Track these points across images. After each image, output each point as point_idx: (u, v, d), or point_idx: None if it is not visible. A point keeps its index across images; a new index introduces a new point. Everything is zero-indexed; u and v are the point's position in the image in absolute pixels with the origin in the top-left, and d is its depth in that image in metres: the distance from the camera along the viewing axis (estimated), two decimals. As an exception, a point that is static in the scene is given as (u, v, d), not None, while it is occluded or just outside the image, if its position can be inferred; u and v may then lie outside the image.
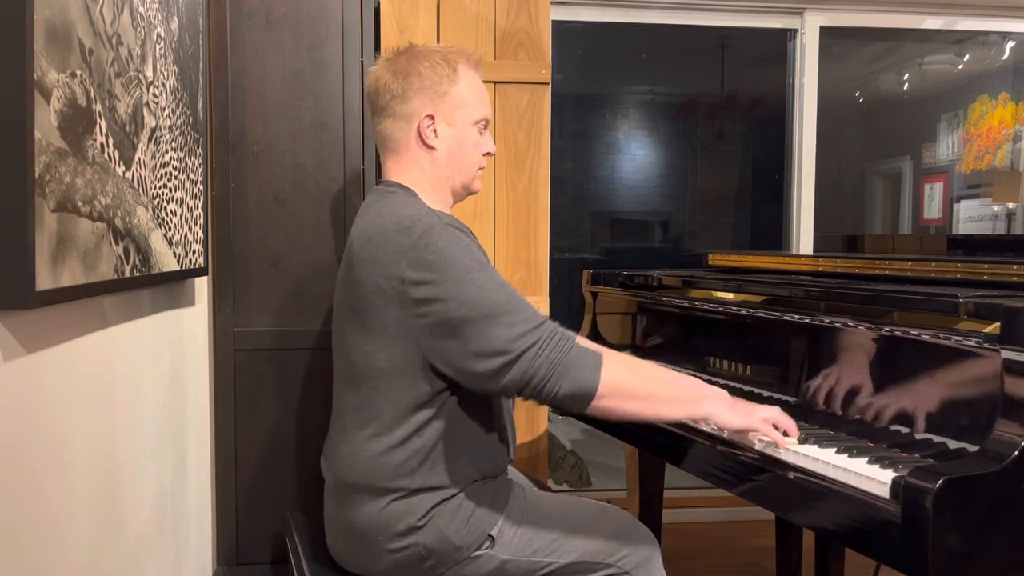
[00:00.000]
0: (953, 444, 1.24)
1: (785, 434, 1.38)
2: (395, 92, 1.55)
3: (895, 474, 1.16)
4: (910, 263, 1.73)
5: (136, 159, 1.57)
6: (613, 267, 2.35)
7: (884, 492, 1.15)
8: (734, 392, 1.74)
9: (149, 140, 1.66)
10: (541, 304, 2.48)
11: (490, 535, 1.47)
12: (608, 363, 1.36)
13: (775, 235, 3.46)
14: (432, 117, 1.55)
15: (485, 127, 1.61)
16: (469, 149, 1.59)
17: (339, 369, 1.56)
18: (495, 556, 1.47)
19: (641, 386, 1.38)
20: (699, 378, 1.61)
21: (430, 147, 1.56)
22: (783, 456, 1.36)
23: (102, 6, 1.37)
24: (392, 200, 1.51)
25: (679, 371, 1.92)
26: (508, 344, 1.33)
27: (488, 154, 1.63)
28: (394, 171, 1.60)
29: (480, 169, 1.63)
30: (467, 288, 1.36)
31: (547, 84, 2.48)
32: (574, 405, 1.36)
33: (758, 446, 1.39)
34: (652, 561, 1.53)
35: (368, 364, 1.45)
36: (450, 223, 1.43)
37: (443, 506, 1.45)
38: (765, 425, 1.38)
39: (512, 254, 2.47)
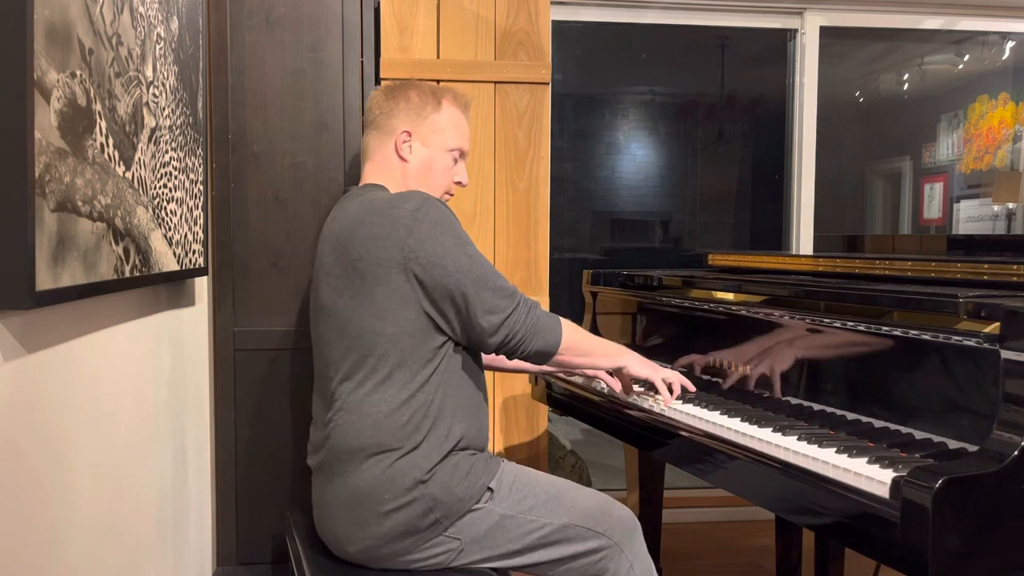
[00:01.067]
0: (953, 444, 1.24)
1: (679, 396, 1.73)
2: (383, 109, 1.75)
3: (895, 474, 1.16)
4: (910, 263, 1.74)
5: (136, 159, 1.58)
6: (613, 267, 2.35)
7: (884, 492, 1.15)
8: (734, 392, 1.75)
9: (149, 140, 1.66)
10: (541, 304, 2.48)
11: (489, 487, 1.58)
12: (564, 327, 1.64)
13: (775, 235, 3.46)
14: (409, 133, 1.74)
15: (460, 157, 1.79)
16: (439, 171, 1.76)
17: (333, 355, 1.60)
18: (494, 510, 1.57)
19: (585, 345, 1.68)
20: (699, 379, 1.83)
21: (403, 159, 1.74)
22: (782, 456, 1.36)
23: (102, 6, 1.37)
24: (371, 194, 1.65)
25: (678, 371, 1.92)
26: (498, 308, 1.55)
27: (459, 183, 1.80)
28: (370, 176, 1.76)
29: (448, 194, 1.80)
30: (461, 257, 1.54)
31: (547, 84, 2.48)
32: (538, 359, 1.63)
33: (647, 404, 1.75)
34: (636, 536, 1.64)
35: (376, 333, 1.55)
36: (439, 200, 1.59)
37: (445, 462, 1.55)
38: (662, 383, 1.71)
39: (512, 254, 2.47)
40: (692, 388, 1.75)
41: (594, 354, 1.69)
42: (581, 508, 1.61)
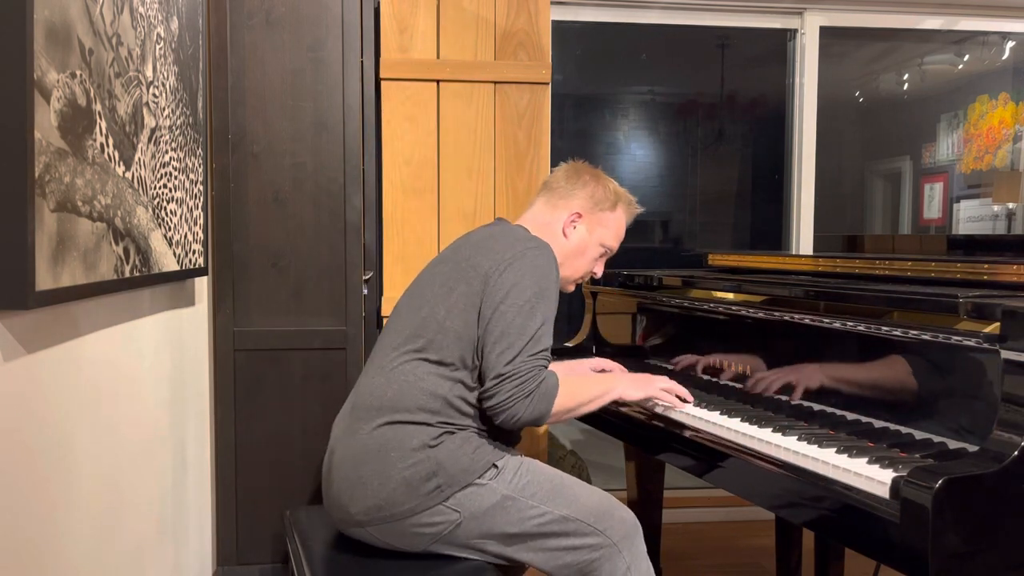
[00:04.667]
0: (953, 444, 1.24)
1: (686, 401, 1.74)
2: (566, 184, 1.86)
3: (895, 474, 1.16)
4: (910, 263, 1.73)
5: (136, 159, 1.58)
6: (613, 267, 2.35)
7: (884, 492, 1.15)
8: (734, 392, 1.75)
9: (149, 140, 1.66)
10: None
11: (495, 464, 1.60)
12: (558, 396, 1.60)
13: (775, 235, 3.46)
14: (580, 215, 1.84)
15: (604, 255, 1.90)
16: (588, 258, 1.87)
17: (400, 325, 1.69)
18: (497, 489, 1.59)
19: (574, 402, 1.65)
20: (699, 379, 1.80)
21: (565, 235, 1.84)
22: (782, 456, 1.36)
23: (102, 6, 1.37)
24: (519, 230, 1.78)
25: (678, 370, 1.92)
26: (507, 365, 1.56)
27: (594, 274, 1.91)
28: (533, 227, 1.83)
29: (579, 279, 1.90)
30: (525, 299, 1.59)
31: (547, 84, 2.48)
32: (525, 425, 1.61)
33: (659, 409, 1.75)
34: (636, 538, 1.64)
35: (440, 322, 1.63)
36: (557, 258, 1.69)
37: (454, 436, 1.59)
38: (663, 393, 1.73)
39: (512, 254, 2.47)
40: (690, 399, 1.75)
41: (583, 405, 1.68)
42: (584, 504, 1.62)
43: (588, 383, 1.73)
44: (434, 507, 1.56)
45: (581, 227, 1.84)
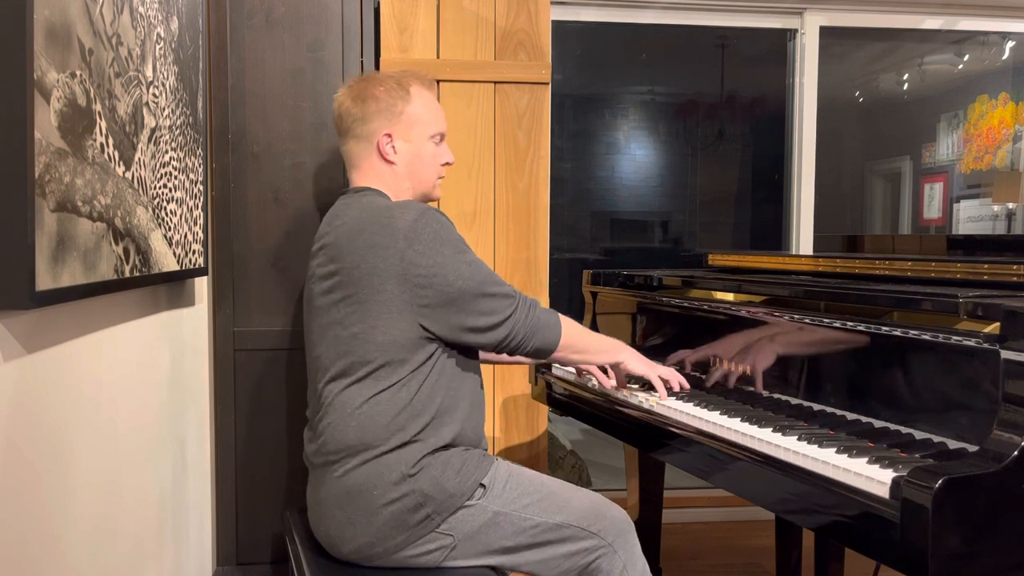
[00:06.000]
0: (953, 444, 1.24)
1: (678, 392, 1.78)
2: (355, 115, 1.72)
3: (895, 474, 1.16)
4: (910, 263, 1.73)
5: (136, 159, 1.58)
6: (613, 267, 2.35)
7: (884, 492, 1.15)
8: (734, 392, 1.75)
9: (149, 140, 1.66)
10: (541, 304, 2.48)
11: (482, 484, 1.58)
12: (564, 324, 1.67)
13: (775, 235, 3.46)
14: (390, 135, 1.72)
15: (441, 140, 1.78)
16: (427, 161, 1.75)
17: (322, 357, 1.62)
18: (487, 507, 1.57)
19: (583, 343, 1.71)
20: (699, 378, 1.84)
21: (390, 161, 1.73)
22: (782, 456, 1.36)
23: (102, 6, 1.37)
24: (368, 200, 1.66)
25: (677, 370, 1.92)
26: (498, 310, 1.58)
27: (447, 164, 1.80)
28: (359, 183, 1.75)
29: (439, 178, 1.80)
30: (461, 265, 1.56)
31: (547, 84, 2.48)
32: (537, 356, 1.67)
33: (638, 399, 1.78)
34: (630, 535, 1.64)
35: (365, 340, 1.56)
36: (436, 210, 1.61)
37: (432, 457, 1.55)
38: (658, 380, 1.75)
39: (512, 254, 2.47)
40: (687, 386, 1.78)
41: (592, 350, 1.73)
42: (575, 508, 1.61)
43: (598, 337, 1.76)
44: (427, 535, 1.54)
45: (399, 142, 1.71)
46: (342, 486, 1.55)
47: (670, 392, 1.79)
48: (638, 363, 1.76)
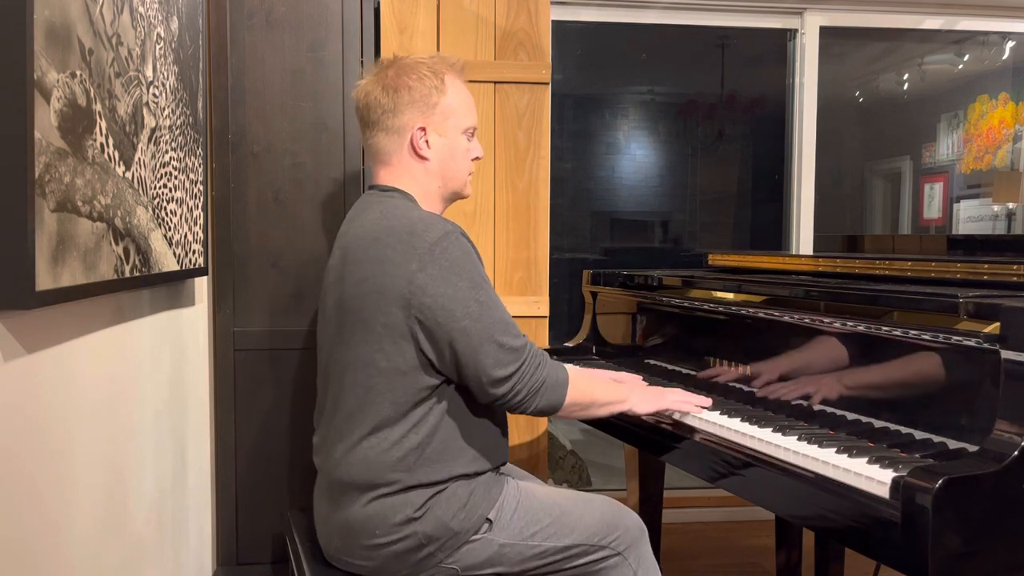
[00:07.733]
0: (953, 444, 1.24)
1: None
2: (386, 106, 1.59)
3: (895, 474, 1.16)
4: (910, 263, 1.73)
5: (136, 159, 1.57)
6: (613, 267, 2.35)
7: (884, 492, 1.15)
8: (734, 392, 1.75)
9: (149, 140, 1.66)
10: (541, 304, 2.48)
11: (488, 519, 1.51)
12: (571, 383, 1.53)
13: (775, 235, 3.46)
14: (424, 129, 1.59)
15: (473, 134, 1.66)
16: (460, 156, 1.63)
17: (330, 370, 1.57)
18: (493, 540, 1.51)
19: (589, 397, 1.57)
20: (699, 379, 1.80)
21: (423, 157, 1.60)
22: (782, 456, 1.36)
23: (102, 6, 1.37)
24: (394, 204, 1.55)
25: (678, 370, 1.92)
26: (503, 364, 1.45)
27: (476, 159, 1.68)
28: (387, 180, 1.63)
29: (469, 175, 1.68)
30: (471, 303, 1.44)
31: (547, 84, 2.48)
32: (538, 415, 1.54)
33: (676, 416, 1.66)
34: (642, 543, 1.60)
35: (368, 364, 1.47)
36: (462, 233, 1.49)
37: (439, 496, 1.48)
38: (676, 404, 1.63)
39: (512, 254, 2.47)
40: (708, 403, 1.66)
41: (598, 403, 1.59)
42: (587, 526, 1.56)
43: (604, 386, 1.62)
44: (431, 569, 1.50)
45: (433, 136, 1.59)
46: (343, 519, 1.51)
47: None
48: (645, 405, 1.64)
